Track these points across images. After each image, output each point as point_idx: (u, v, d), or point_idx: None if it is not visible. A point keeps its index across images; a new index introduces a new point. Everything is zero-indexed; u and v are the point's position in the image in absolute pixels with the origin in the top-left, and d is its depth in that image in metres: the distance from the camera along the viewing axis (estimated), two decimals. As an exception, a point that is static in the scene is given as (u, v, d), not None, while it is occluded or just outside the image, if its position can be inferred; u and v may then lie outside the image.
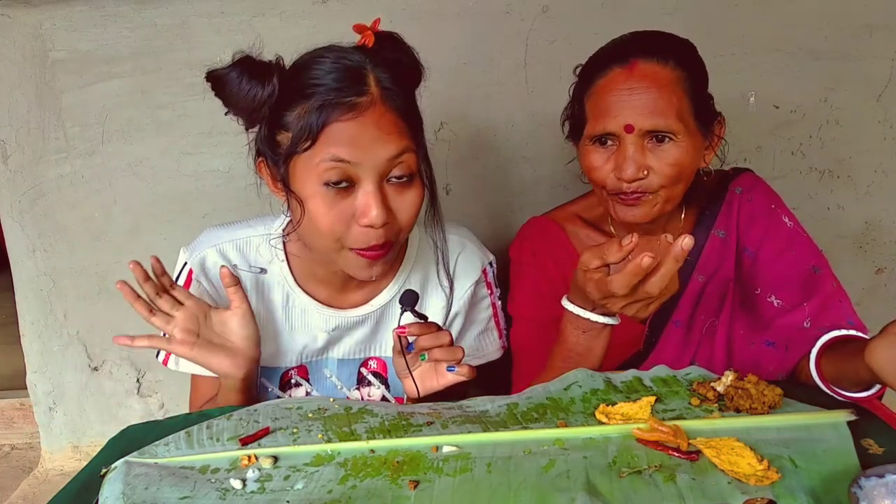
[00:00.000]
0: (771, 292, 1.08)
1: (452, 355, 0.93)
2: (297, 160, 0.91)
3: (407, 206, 0.94)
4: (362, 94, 0.88)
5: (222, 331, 1.00)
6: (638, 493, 0.70)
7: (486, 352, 1.22)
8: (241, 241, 1.09)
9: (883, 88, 1.60)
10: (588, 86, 1.06)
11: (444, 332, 0.93)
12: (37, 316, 1.77)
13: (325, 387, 1.16)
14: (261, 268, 1.09)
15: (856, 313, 1.04)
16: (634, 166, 1.00)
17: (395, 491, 0.74)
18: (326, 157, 0.88)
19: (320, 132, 0.88)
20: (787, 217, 1.13)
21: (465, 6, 1.54)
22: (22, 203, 1.68)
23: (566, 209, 1.25)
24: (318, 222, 0.91)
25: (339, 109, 0.87)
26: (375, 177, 0.90)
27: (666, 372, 0.96)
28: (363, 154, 0.88)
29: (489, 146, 1.63)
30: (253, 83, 0.88)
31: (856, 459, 0.73)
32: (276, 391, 1.14)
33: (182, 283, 1.09)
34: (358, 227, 0.91)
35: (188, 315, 0.98)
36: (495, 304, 1.21)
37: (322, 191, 0.90)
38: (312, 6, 1.51)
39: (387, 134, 0.89)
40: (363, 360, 1.16)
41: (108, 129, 1.62)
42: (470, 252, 1.17)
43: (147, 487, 0.76)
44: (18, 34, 1.56)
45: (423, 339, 0.93)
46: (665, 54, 1.00)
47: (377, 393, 1.17)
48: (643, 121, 0.99)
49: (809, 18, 1.55)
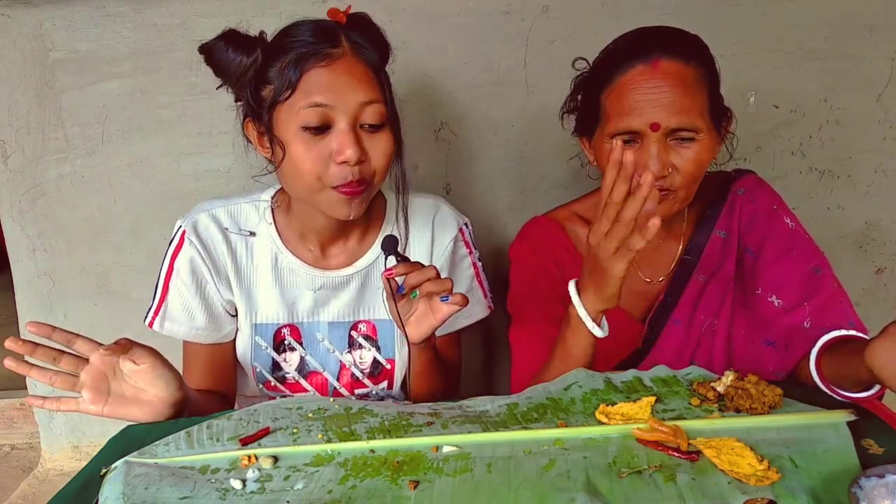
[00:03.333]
0: (772, 292, 1.08)
1: (442, 286, 0.95)
2: (280, 109, 0.99)
3: (379, 149, 1.01)
4: (336, 46, 0.98)
5: (135, 381, 0.95)
6: (638, 493, 0.70)
7: (473, 311, 1.26)
8: (233, 207, 1.17)
9: (883, 88, 1.59)
10: (605, 82, 1.05)
11: (429, 267, 0.96)
12: (37, 316, 1.77)
13: (318, 351, 1.20)
14: (250, 231, 1.15)
15: (856, 314, 1.04)
16: (660, 164, 0.99)
17: (395, 491, 0.74)
18: (305, 103, 0.96)
19: (299, 80, 0.96)
20: (788, 218, 1.13)
21: (465, 6, 1.54)
22: (22, 203, 1.68)
23: (567, 208, 1.25)
24: (299, 163, 0.99)
25: (314, 58, 0.96)
26: (349, 119, 0.97)
27: (666, 372, 0.96)
28: (337, 97, 0.96)
29: (489, 146, 1.63)
30: (238, 52, 0.99)
31: (856, 459, 0.73)
32: (270, 350, 1.18)
33: (175, 245, 1.13)
34: (335, 165, 0.98)
35: (95, 374, 0.94)
36: (476, 263, 1.26)
37: (302, 135, 0.98)
38: (312, 6, 1.51)
39: (357, 81, 0.98)
40: (353, 324, 1.20)
41: (108, 129, 1.62)
42: (445, 212, 1.23)
43: (147, 487, 0.76)
44: (18, 34, 1.56)
45: (411, 277, 0.96)
46: (687, 53, 1.01)
47: (368, 356, 1.20)
48: (669, 119, 0.98)
49: (809, 18, 1.55)
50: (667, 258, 1.17)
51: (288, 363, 1.19)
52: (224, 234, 1.14)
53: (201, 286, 1.14)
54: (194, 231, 1.13)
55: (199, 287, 1.14)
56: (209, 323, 1.16)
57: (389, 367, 1.21)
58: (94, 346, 0.93)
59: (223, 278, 1.15)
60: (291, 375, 1.20)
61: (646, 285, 1.18)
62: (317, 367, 1.20)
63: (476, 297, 1.26)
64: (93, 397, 0.93)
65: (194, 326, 1.15)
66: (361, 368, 1.21)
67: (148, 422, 0.96)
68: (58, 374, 0.93)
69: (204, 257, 1.12)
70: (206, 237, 1.13)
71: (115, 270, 1.72)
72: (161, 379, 0.96)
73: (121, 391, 0.95)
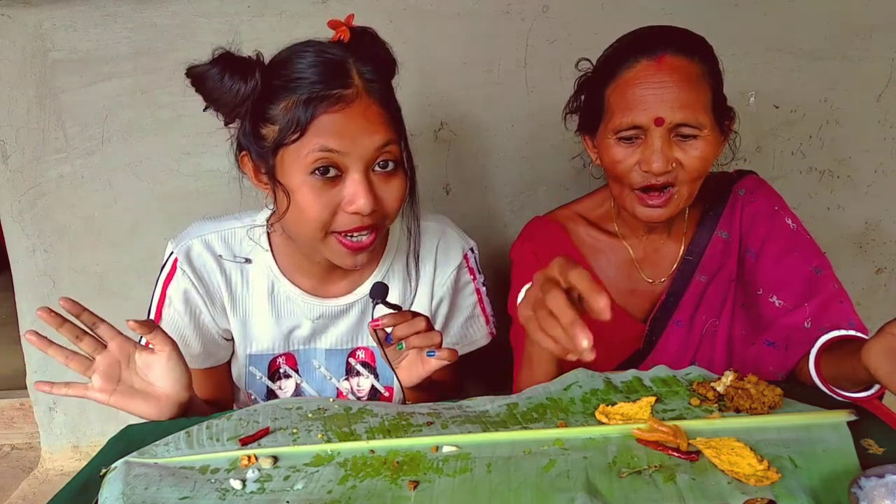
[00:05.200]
0: (772, 293, 1.08)
1: (429, 340, 0.94)
2: (285, 152, 0.93)
3: (392, 193, 0.96)
4: (348, 87, 0.91)
5: (146, 374, 0.95)
6: (638, 493, 0.70)
7: (474, 339, 1.23)
8: (227, 233, 1.11)
9: (883, 88, 1.59)
10: (610, 78, 1.04)
11: (418, 319, 0.94)
12: (37, 316, 1.77)
13: (315, 378, 1.17)
14: (245, 258, 1.10)
15: (857, 314, 1.04)
16: (663, 159, 0.99)
17: (395, 491, 0.74)
18: (315, 147, 0.90)
19: (309, 124, 0.90)
20: (789, 219, 1.13)
21: (465, 6, 1.54)
22: (22, 203, 1.68)
23: (569, 208, 1.25)
24: (305, 210, 0.93)
25: (326, 101, 0.90)
26: (362, 166, 0.92)
27: (666, 372, 0.96)
28: (351, 144, 0.91)
29: (489, 146, 1.63)
30: (235, 79, 0.91)
31: (856, 459, 0.73)
32: (265, 380, 1.16)
33: (167, 272, 1.10)
34: (344, 213, 0.94)
35: (109, 361, 0.94)
36: (479, 289, 1.22)
37: (310, 180, 0.92)
38: (312, 6, 1.51)
39: (373, 125, 0.92)
40: (351, 351, 1.16)
41: (108, 129, 1.62)
42: (450, 238, 1.18)
43: (147, 487, 0.76)
44: (18, 34, 1.56)
45: (399, 329, 0.94)
46: (691, 49, 1.01)
47: (366, 383, 1.18)
48: (673, 114, 0.98)
49: (809, 18, 1.55)
50: (668, 259, 1.17)
51: (283, 391, 1.17)
52: (218, 261, 1.09)
53: (195, 316, 1.11)
54: (187, 259, 1.09)
55: (193, 317, 1.11)
56: (203, 350, 1.13)
57: (388, 394, 1.18)
58: (116, 332, 0.95)
59: (218, 307, 1.11)
60: None
61: (647, 286, 1.18)
62: (313, 395, 1.17)
63: (478, 324, 1.23)
64: (102, 384, 0.94)
65: (189, 353, 1.10)
66: (359, 395, 1.18)
67: (150, 419, 0.96)
68: (74, 355, 0.94)
69: (198, 287, 1.09)
70: (199, 266, 1.09)
71: (115, 270, 1.72)
72: (173, 373, 0.95)
73: (130, 382, 0.95)
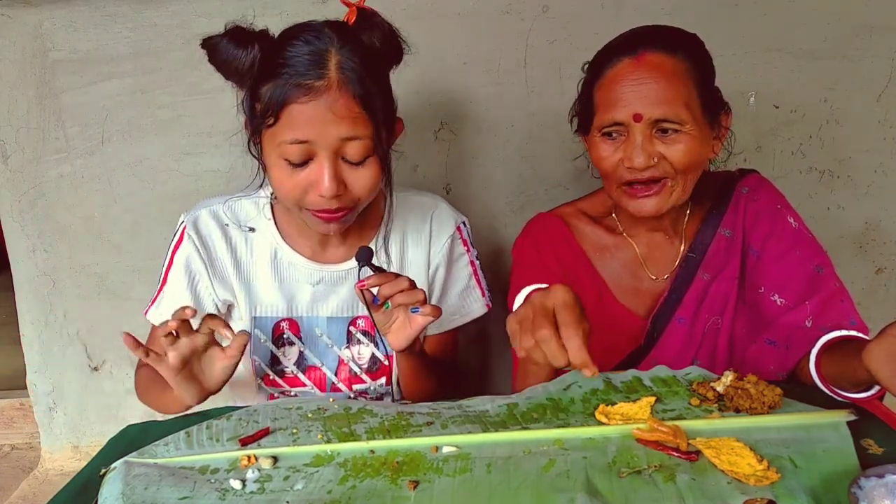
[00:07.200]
0: (774, 291, 1.09)
1: (413, 297, 0.96)
2: (265, 133, 0.99)
3: (360, 181, 1.00)
4: (321, 78, 0.94)
5: (206, 366, 1.00)
6: (638, 493, 0.70)
7: (471, 309, 1.27)
8: (234, 203, 1.18)
9: (883, 88, 1.59)
10: (597, 78, 1.07)
11: (402, 278, 0.97)
12: (37, 316, 1.77)
13: (317, 346, 1.20)
14: (250, 227, 1.17)
15: (858, 313, 1.04)
16: (644, 155, 1.01)
17: (395, 491, 0.74)
18: (286, 138, 0.96)
19: (280, 112, 0.95)
20: (792, 217, 1.13)
21: (465, 6, 1.54)
22: (22, 203, 1.68)
23: (573, 205, 1.25)
24: (279, 188, 1.02)
25: (297, 91, 0.94)
26: (329, 153, 0.96)
27: (666, 372, 0.96)
28: (316, 134, 0.95)
29: (489, 146, 1.63)
30: (238, 49, 0.97)
31: (856, 459, 0.73)
32: (269, 343, 1.19)
33: (176, 240, 1.16)
34: (314, 194, 0.99)
35: (192, 346, 0.97)
36: (473, 262, 1.27)
37: (282, 163, 0.98)
38: (312, 6, 1.51)
39: (340, 118, 0.95)
40: (351, 319, 1.20)
41: (108, 129, 1.62)
42: (443, 210, 1.24)
43: (147, 487, 0.76)
44: (18, 34, 1.56)
45: (384, 289, 0.97)
46: (673, 46, 1.02)
47: (367, 351, 1.21)
48: (651, 110, 1.00)
49: (809, 18, 1.55)
50: (671, 256, 1.17)
51: (287, 357, 1.20)
52: (224, 230, 1.15)
53: (193, 282, 1.15)
54: (194, 227, 1.15)
55: (192, 282, 1.15)
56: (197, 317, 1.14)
57: (388, 362, 1.22)
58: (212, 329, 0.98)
59: (219, 276, 1.16)
60: (290, 370, 1.20)
61: (650, 283, 1.18)
62: (315, 362, 1.21)
63: (474, 295, 1.27)
64: (175, 363, 0.95)
65: None
66: (360, 364, 1.21)
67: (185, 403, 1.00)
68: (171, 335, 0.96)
69: (201, 252, 1.14)
70: (205, 234, 1.15)
71: (115, 270, 1.72)
72: (225, 374, 1.00)
73: (192, 367, 0.99)
